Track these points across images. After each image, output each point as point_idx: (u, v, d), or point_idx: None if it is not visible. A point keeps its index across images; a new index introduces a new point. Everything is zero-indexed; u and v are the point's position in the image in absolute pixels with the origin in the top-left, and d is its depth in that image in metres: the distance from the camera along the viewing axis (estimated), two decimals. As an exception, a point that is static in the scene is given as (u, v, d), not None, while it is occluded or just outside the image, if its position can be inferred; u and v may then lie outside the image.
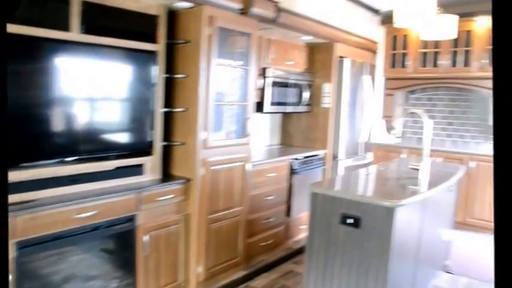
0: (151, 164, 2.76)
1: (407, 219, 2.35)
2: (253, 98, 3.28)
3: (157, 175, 2.80)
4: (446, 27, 3.14)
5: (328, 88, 4.31)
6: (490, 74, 4.55)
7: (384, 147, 5.18)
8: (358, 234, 2.22)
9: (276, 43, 3.84)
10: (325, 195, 2.33)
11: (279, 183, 3.68)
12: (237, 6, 2.99)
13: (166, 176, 2.87)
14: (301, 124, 4.50)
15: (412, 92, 5.46)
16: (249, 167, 3.23)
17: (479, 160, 4.53)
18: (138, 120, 2.71)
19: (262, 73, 3.69)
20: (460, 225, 4.58)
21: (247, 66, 3.16)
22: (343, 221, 2.25)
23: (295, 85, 4.11)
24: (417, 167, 2.92)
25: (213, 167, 2.93)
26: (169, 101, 2.88)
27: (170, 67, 2.86)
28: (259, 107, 3.73)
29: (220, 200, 3.02)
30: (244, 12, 3.04)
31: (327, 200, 2.32)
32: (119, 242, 2.53)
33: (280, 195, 3.72)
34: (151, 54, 2.69)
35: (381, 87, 5.39)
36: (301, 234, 3.99)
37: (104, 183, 2.49)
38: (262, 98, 3.72)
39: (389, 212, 2.12)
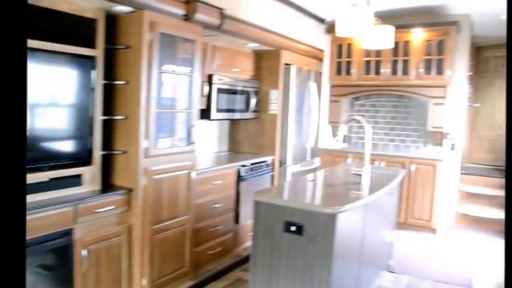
0: (90, 174, 2.63)
1: (349, 223, 2.40)
2: (197, 105, 3.23)
3: (96, 186, 2.67)
4: (384, 37, 3.28)
5: (275, 95, 4.35)
6: (426, 82, 4.87)
7: (331, 152, 5.31)
8: (302, 241, 2.24)
9: (222, 50, 3.83)
10: (268, 204, 2.34)
11: (226, 191, 3.65)
12: (180, 12, 2.94)
13: (107, 186, 2.75)
14: (249, 131, 4.50)
15: (357, 98, 5.66)
16: (194, 175, 3.18)
17: (419, 163, 4.77)
18: (76, 128, 2.58)
19: (208, 80, 3.65)
20: (402, 225, 4.78)
21: (192, 73, 3.11)
22: (286, 228, 2.26)
23: (242, 92, 4.11)
24: (359, 173, 3.01)
25: (156, 176, 2.85)
26: (110, 109, 2.77)
27: (111, 73, 2.75)
28: (206, 114, 3.69)
29: (164, 209, 2.94)
30: (187, 18, 3.00)
31: (270, 208, 2.33)
32: (55, 258, 2.38)
33: (227, 202, 3.69)
34: (90, 59, 2.57)
35: (327, 93, 5.54)
36: (250, 241, 3.96)
37: (38, 196, 2.33)
38: (208, 105, 3.69)
39: (331, 218, 2.16)
